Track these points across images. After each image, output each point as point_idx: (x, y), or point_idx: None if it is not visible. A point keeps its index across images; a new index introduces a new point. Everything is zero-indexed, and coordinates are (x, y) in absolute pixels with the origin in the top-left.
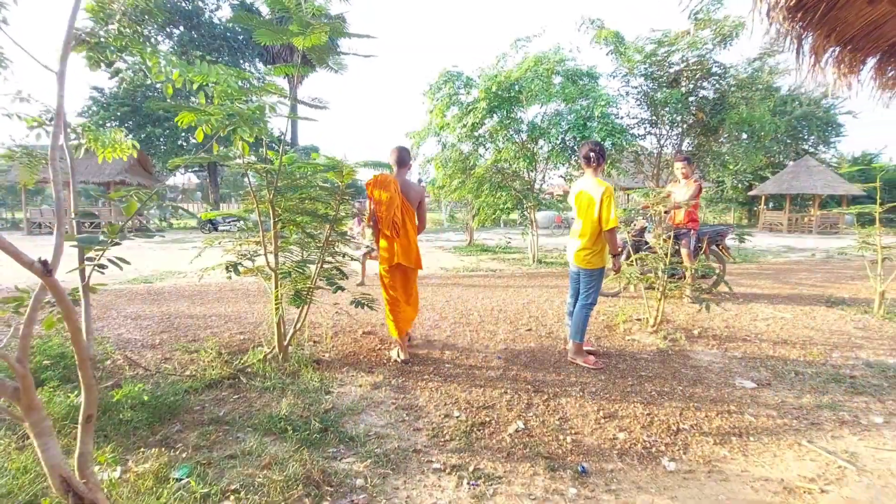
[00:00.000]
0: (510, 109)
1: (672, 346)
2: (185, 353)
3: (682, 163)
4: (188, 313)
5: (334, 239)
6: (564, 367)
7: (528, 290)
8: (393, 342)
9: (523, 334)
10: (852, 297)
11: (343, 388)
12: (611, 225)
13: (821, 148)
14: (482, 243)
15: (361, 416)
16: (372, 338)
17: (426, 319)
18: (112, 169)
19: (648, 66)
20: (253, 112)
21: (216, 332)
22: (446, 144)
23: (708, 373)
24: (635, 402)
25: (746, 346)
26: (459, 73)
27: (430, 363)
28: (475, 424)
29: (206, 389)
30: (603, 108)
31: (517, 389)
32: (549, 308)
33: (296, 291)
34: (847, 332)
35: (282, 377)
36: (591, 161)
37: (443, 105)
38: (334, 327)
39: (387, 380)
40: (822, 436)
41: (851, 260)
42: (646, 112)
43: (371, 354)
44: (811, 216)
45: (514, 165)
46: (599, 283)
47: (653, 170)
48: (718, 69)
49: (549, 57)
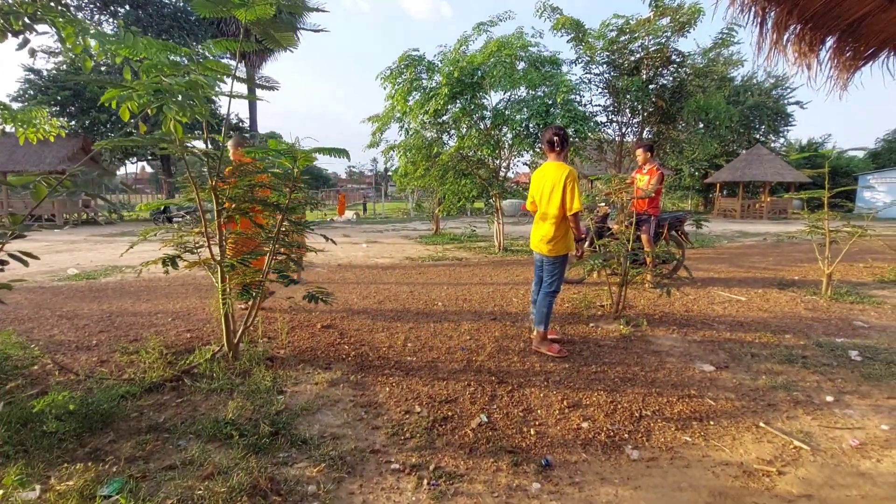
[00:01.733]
0: (473, 95)
1: (634, 332)
2: (124, 355)
3: (642, 150)
4: (132, 311)
5: (288, 229)
6: (529, 357)
7: (494, 279)
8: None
9: (488, 324)
10: (802, 278)
11: (298, 386)
12: (575, 209)
13: (771, 137)
14: (449, 232)
15: (316, 416)
16: (331, 332)
17: (388, 312)
18: (53, 157)
19: (610, 53)
20: (183, 88)
21: (161, 331)
22: (409, 131)
23: (669, 357)
24: (599, 390)
25: (705, 329)
26: (421, 57)
27: (392, 356)
28: (437, 420)
29: (146, 394)
30: (565, 94)
31: (481, 381)
32: (515, 296)
33: (243, 286)
34: (798, 314)
35: (231, 377)
36: (555, 145)
37: (404, 90)
38: (291, 322)
39: (345, 376)
40: (777, 417)
41: (799, 243)
42: (607, 100)
43: (329, 350)
44: (762, 202)
45: (478, 153)
46: (563, 270)
47: (615, 157)
48: (677, 57)
49: (513, 42)
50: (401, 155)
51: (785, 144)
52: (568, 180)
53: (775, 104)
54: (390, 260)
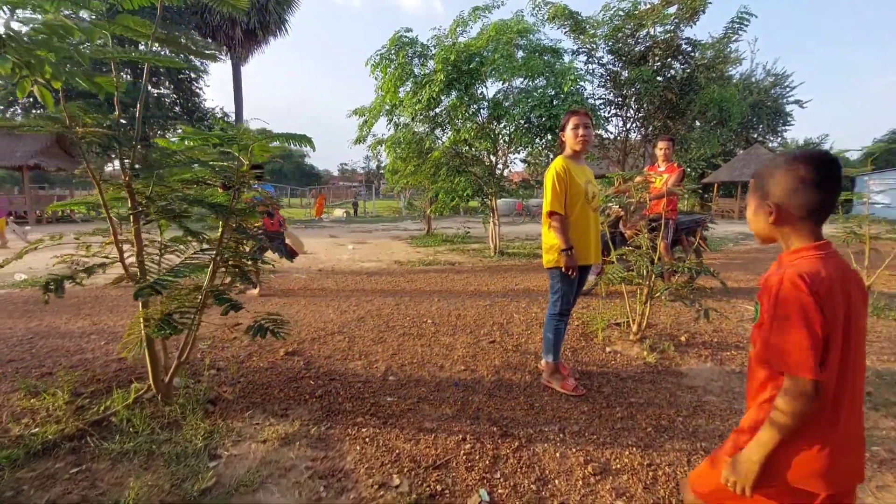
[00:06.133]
0: (470, 84)
1: (661, 360)
2: (26, 398)
3: (667, 143)
4: (63, 330)
5: (236, 237)
6: (538, 395)
7: (490, 288)
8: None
9: (486, 348)
10: None
11: (240, 446)
12: (545, 207)
13: (769, 137)
14: (441, 232)
15: (257, 495)
16: (295, 361)
17: (369, 331)
18: (24, 151)
19: (615, 42)
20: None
21: (85, 360)
22: (399, 124)
23: (708, 395)
24: (630, 446)
25: (741, 355)
26: (414, 39)
27: (368, 395)
28: (422, 498)
29: (34, 459)
30: (574, 82)
31: (479, 434)
32: (516, 311)
33: (163, 316)
34: None
35: (155, 431)
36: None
37: (394, 77)
38: (248, 347)
39: (304, 427)
40: (862, 486)
41: None
42: (610, 93)
43: (290, 386)
44: None
45: (474, 147)
46: (564, 287)
47: (618, 154)
48: (687, 46)
49: (512, 26)
50: (389, 150)
51: (782, 144)
52: (547, 174)
53: (774, 103)
54: (377, 264)
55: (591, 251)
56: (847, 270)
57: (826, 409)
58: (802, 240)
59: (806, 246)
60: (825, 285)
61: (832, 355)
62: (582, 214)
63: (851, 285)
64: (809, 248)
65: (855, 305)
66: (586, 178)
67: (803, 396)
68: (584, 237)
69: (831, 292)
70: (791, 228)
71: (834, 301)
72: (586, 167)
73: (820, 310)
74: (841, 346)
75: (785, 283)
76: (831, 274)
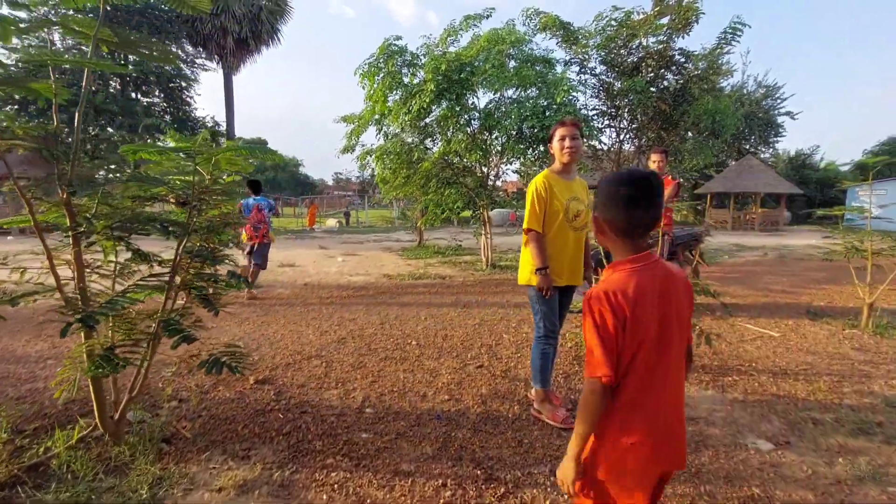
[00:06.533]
0: (461, 94)
1: None
2: None
3: (661, 155)
4: (20, 353)
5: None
6: (527, 429)
7: (481, 305)
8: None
9: (472, 374)
10: (829, 304)
11: (191, 495)
12: (524, 225)
13: (761, 147)
14: (433, 244)
15: None
16: (265, 390)
17: (349, 354)
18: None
19: (607, 53)
20: None
21: (37, 389)
22: (388, 134)
23: (711, 427)
24: None
25: (743, 380)
26: (403, 48)
27: (342, 431)
28: None
29: None
30: (566, 92)
31: (461, 478)
32: (506, 331)
33: (104, 352)
34: (847, 356)
35: (98, 476)
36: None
37: (383, 86)
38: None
39: (266, 472)
40: None
41: (807, 259)
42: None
43: (256, 421)
44: (753, 214)
45: (465, 159)
46: (542, 308)
47: (612, 166)
48: (681, 57)
49: (504, 37)
50: (378, 161)
51: (774, 155)
52: (528, 190)
53: (766, 114)
54: (365, 278)
55: (566, 271)
56: (667, 277)
57: (640, 401)
58: (622, 253)
59: (622, 260)
60: (630, 299)
61: (640, 358)
62: (560, 233)
63: (673, 289)
64: (625, 262)
65: (677, 306)
66: (572, 194)
67: (593, 394)
68: (560, 256)
69: (638, 304)
70: (612, 242)
71: (642, 311)
72: (577, 181)
73: (620, 322)
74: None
75: (592, 298)
76: (642, 286)
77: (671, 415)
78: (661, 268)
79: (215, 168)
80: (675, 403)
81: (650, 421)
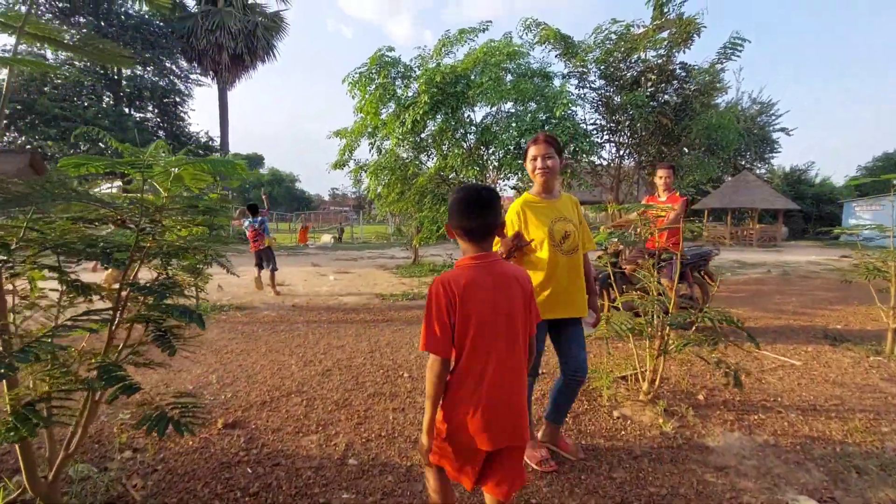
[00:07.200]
0: (457, 107)
1: (680, 429)
2: None
3: (667, 170)
4: None
5: (142, 292)
6: (532, 482)
7: None
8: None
9: None
10: (846, 328)
11: None
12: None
13: (756, 163)
14: (429, 262)
15: None
16: (235, 436)
17: (333, 390)
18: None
19: (606, 66)
20: None
21: None
22: (382, 149)
23: (743, 480)
24: None
25: (771, 418)
26: (396, 59)
27: (318, 490)
28: None
29: None
30: (565, 106)
31: None
32: None
33: (22, 408)
34: (877, 387)
35: None
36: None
37: (375, 98)
38: None
39: None
40: None
41: (812, 277)
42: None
43: (220, 477)
44: (750, 229)
45: (461, 174)
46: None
47: (611, 182)
48: (681, 71)
49: (500, 49)
50: (371, 177)
51: (769, 171)
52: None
53: (761, 130)
54: (357, 298)
55: (560, 303)
56: (501, 274)
57: (468, 380)
58: (467, 252)
59: (465, 258)
60: (460, 288)
61: (471, 341)
62: (551, 261)
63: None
64: (467, 259)
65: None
66: (556, 214)
67: (430, 369)
68: (550, 287)
69: (467, 293)
70: (460, 243)
71: (471, 300)
72: (563, 198)
73: (452, 307)
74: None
75: (433, 285)
76: (475, 279)
77: (497, 395)
78: (498, 266)
79: (177, 183)
80: (506, 385)
81: (477, 399)
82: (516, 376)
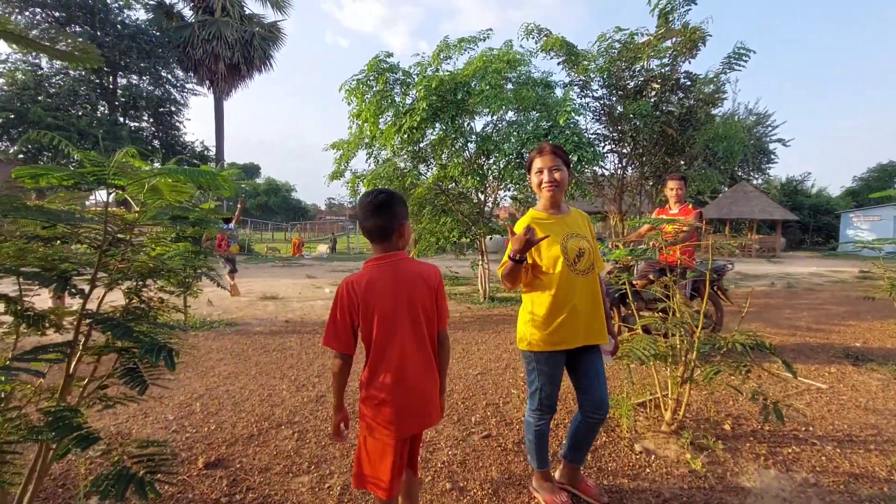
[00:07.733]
0: (456, 115)
1: (710, 466)
2: None
3: (678, 182)
4: None
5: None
6: None
7: (481, 346)
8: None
9: (478, 446)
10: (865, 346)
11: None
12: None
13: (753, 174)
14: None
15: None
16: (217, 478)
17: (327, 419)
18: None
19: (608, 75)
20: None
21: None
22: (379, 159)
23: None
24: None
25: (807, 452)
26: (395, 66)
27: None
28: None
29: None
30: (569, 114)
31: None
32: (513, 384)
33: None
34: None
35: None
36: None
37: (373, 106)
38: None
39: None
40: None
41: (816, 290)
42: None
43: None
44: (750, 240)
45: (461, 184)
46: (541, 374)
47: (614, 193)
48: (686, 81)
49: (500, 56)
50: (368, 186)
51: (765, 181)
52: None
53: (757, 141)
54: None
55: (581, 330)
56: (405, 271)
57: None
58: (373, 253)
59: (371, 259)
60: (362, 288)
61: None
62: (563, 284)
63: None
64: (371, 260)
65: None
66: (568, 230)
67: (332, 363)
68: (569, 312)
69: (369, 291)
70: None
71: (372, 296)
72: (573, 213)
73: (352, 306)
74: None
75: (341, 284)
76: (377, 278)
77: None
78: (403, 264)
79: (153, 195)
80: (416, 373)
81: (388, 386)
82: (425, 368)
